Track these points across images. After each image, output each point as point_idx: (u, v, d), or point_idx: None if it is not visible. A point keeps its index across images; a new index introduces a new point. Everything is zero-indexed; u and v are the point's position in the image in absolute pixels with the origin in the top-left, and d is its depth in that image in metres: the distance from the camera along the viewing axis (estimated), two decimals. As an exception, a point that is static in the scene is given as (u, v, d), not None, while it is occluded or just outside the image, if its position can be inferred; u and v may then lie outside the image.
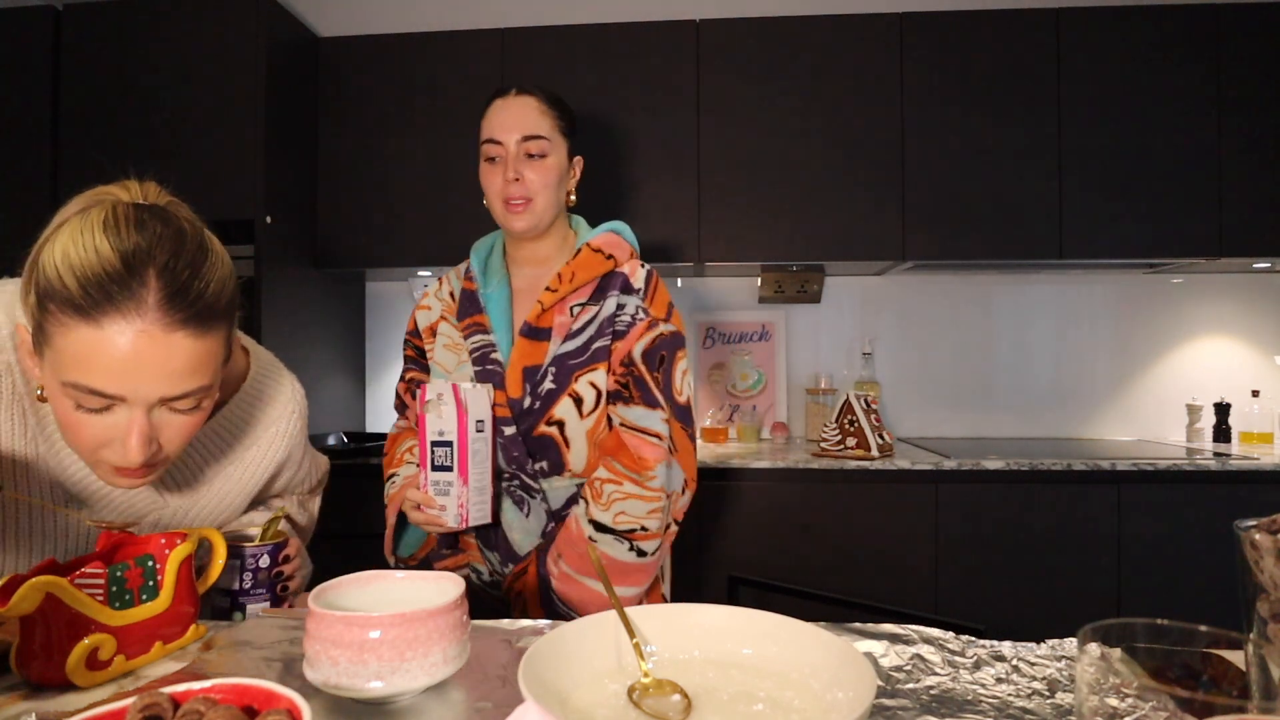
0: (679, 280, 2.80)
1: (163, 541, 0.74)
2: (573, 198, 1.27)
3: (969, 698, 0.57)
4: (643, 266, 1.23)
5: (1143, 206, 2.33)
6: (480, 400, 1.08)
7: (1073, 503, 2.11)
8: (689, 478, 1.19)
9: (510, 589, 1.18)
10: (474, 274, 1.27)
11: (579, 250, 1.22)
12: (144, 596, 0.67)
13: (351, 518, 2.15)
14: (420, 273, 2.71)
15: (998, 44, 2.36)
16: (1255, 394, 2.49)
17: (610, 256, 1.21)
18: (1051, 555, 2.11)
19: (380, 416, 2.88)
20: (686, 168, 2.43)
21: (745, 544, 2.14)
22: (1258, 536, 0.43)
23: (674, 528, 1.18)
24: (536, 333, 1.18)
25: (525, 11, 2.72)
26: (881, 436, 2.23)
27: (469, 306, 1.26)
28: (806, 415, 2.68)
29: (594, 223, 1.29)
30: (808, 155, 2.41)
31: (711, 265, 2.47)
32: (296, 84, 2.42)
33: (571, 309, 1.19)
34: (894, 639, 0.69)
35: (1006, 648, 0.66)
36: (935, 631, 0.70)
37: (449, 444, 1.05)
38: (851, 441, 2.22)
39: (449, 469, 1.05)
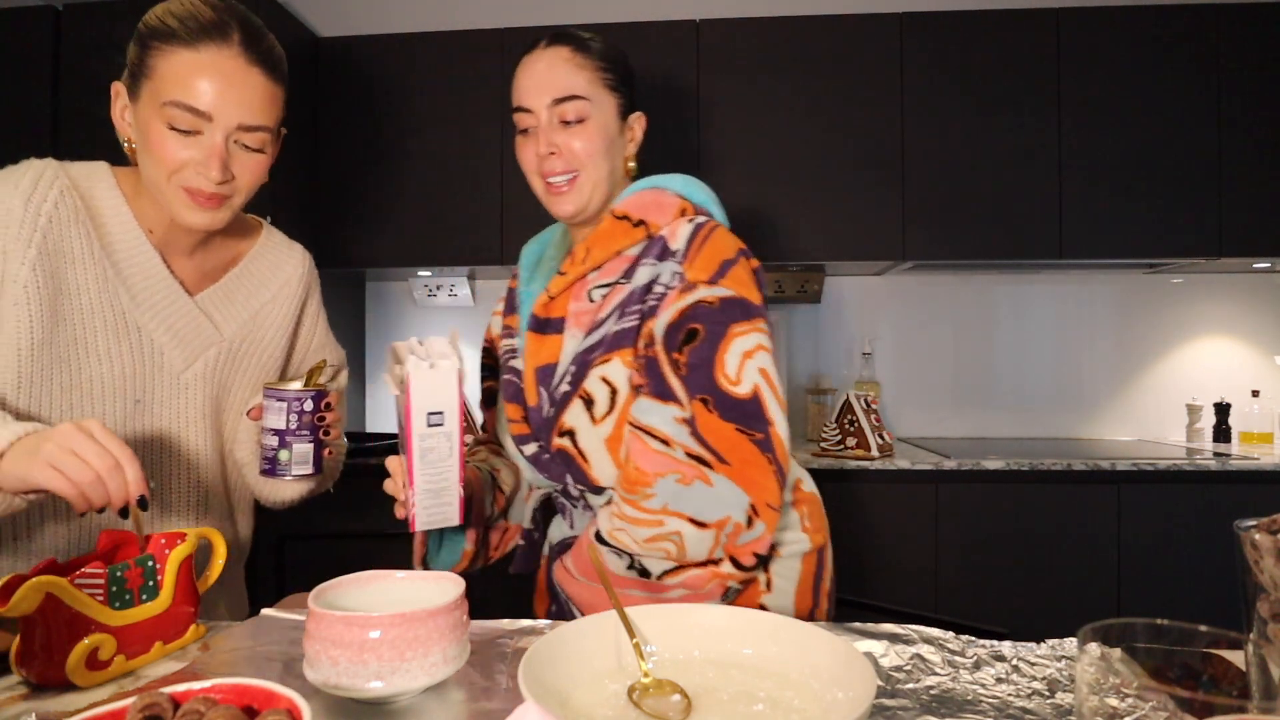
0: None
1: (163, 541, 0.74)
2: (632, 165, 1.05)
3: (969, 698, 0.57)
4: (691, 221, 0.95)
5: (1143, 206, 2.33)
6: (436, 385, 0.82)
7: (1073, 503, 2.11)
8: (759, 501, 0.84)
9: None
10: (519, 269, 1.11)
11: (601, 220, 0.99)
12: (144, 596, 0.67)
13: (351, 517, 2.15)
14: (420, 272, 2.71)
15: (998, 44, 2.36)
16: (1255, 394, 2.49)
17: (641, 223, 0.96)
18: (1051, 555, 2.11)
19: (380, 416, 2.88)
20: (687, 168, 2.42)
21: (745, 544, 2.14)
22: (1258, 536, 0.43)
23: (729, 568, 0.85)
24: (543, 324, 0.99)
25: (525, 11, 2.72)
26: (881, 436, 2.23)
27: (508, 306, 1.10)
28: (807, 415, 2.68)
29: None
30: (808, 155, 2.41)
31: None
32: (296, 84, 2.41)
33: (591, 293, 0.96)
34: (894, 639, 0.69)
35: (1006, 648, 0.66)
36: (935, 631, 0.70)
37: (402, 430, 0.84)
38: (851, 441, 2.22)
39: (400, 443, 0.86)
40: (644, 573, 0.86)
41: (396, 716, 0.56)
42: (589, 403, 0.92)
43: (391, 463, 0.89)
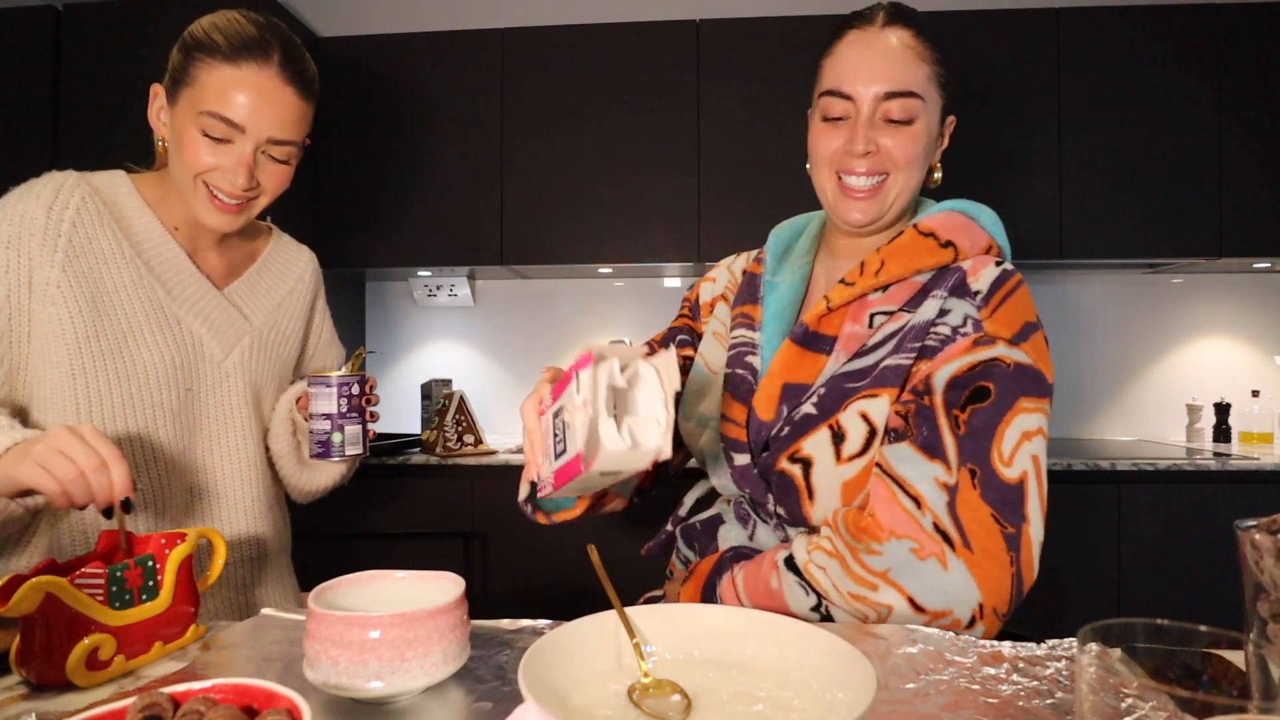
0: (677, 280, 2.79)
1: (163, 541, 0.74)
2: (937, 175, 0.93)
3: (969, 698, 0.57)
4: (998, 264, 0.84)
5: (1143, 206, 2.33)
6: (626, 461, 0.60)
7: (1073, 503, 2.11)
8: (989, 603, 0.73)
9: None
10: (765, 256, 1.01)
11: (901, 232, 0.88)
12: (144, 596, 0.67)
13: (351, 518, 2.15)
14: (420, 272, 2.71)
15: (998, 44, 2.36)
16: (1255, 394, 2.49)
17: (949, 244, 0.84)
18: (1052, 555, 2.10)
19: (380, 417, 2.87)
20: (686, 168, 2.43)
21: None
22: (1258, 536, 0.43)
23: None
24: (813, 340, 0.86)
25: (525, 11, 2.72)
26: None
27: (746, 292, 0.98)
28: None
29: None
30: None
31: (712, 265, 2.46)
32: (296, 84, 2.42)
33: (872, 317, 0.85)
34: (894, 639, 0.69)
35: (1006, 648, 0.66)
36: (935, 631, 0.70)
37: (563, 452, 0.64)
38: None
39: (558, 447, 0.65)
40: (827, 619, 0.76)
41: (396, 716, 0.56)
42: (839, 437, 0.80)
43: (530, 426, 0.70)
